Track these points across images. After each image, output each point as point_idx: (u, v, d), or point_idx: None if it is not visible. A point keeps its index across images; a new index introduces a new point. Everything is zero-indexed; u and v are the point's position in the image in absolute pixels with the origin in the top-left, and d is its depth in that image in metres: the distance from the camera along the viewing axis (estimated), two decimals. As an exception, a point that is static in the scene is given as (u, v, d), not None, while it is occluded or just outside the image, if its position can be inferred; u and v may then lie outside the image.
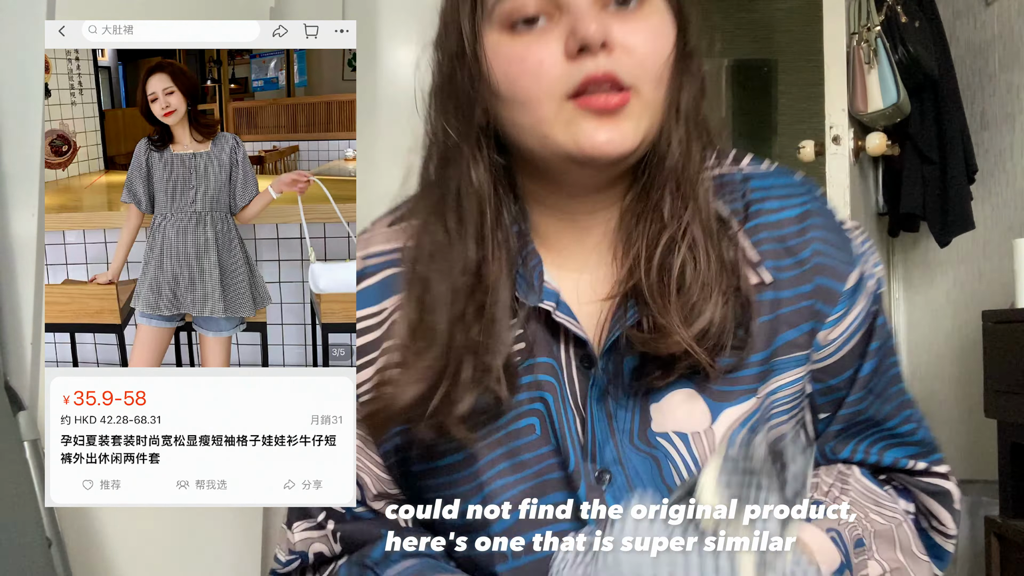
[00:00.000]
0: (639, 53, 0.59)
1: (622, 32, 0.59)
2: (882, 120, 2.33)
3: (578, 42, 0.58)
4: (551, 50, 0.59)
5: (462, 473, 0.66)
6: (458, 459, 0.66)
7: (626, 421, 0.64)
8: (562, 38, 0.59)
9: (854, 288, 0.67)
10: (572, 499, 0.64)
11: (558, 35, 0.59)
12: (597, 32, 0.57)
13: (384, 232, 0.73)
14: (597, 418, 0.65)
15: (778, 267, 0.65)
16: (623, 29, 0.59)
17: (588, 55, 0.58)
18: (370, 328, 0.69)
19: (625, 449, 0.64)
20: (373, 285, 0.70)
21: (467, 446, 0.65)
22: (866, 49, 2.28)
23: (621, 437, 0.64)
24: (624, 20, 0.60)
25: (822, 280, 0.65)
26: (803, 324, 0.65)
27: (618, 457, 0.64)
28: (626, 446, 0.64)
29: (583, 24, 0.58)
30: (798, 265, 0.65)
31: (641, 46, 0.60)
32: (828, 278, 0.65)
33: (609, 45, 0.59)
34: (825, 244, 0.66)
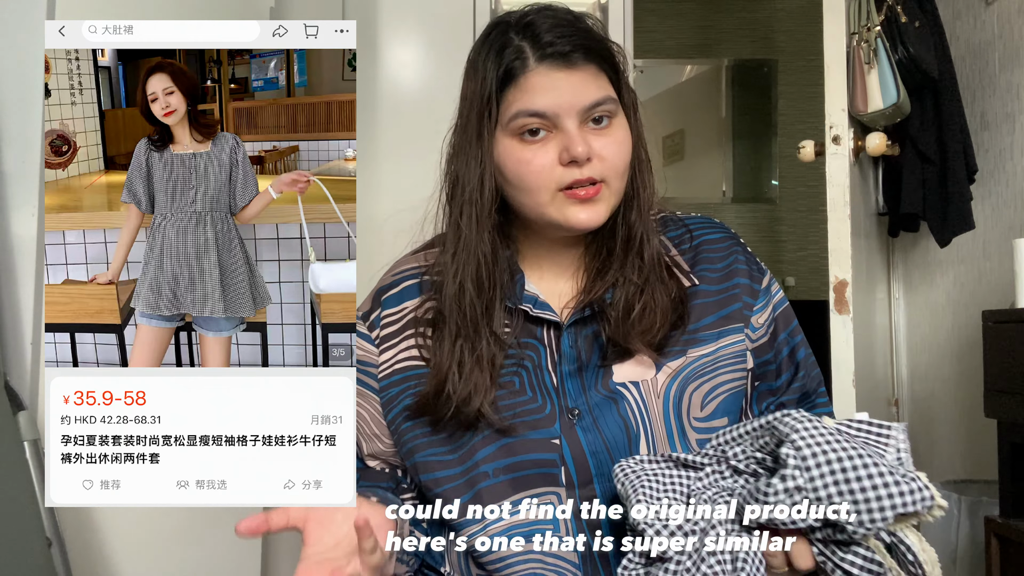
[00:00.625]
0: (609, 160, 0.86)
1: (598, 145, 0.86)
2: (882, 120, 2.33)
3: (570, 157, 0.84)
4: (550, 158, 0.85)
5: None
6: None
7: (592, 378, 0.89)
8: (557, 149, 0.85)
9: (767, 288, 0.95)
10: (548, 434, 0.87)
11: (554, 146, 0.85)
12: (583, 152, 0.84)
13: (410, 256, 1.00)
14: (569, 377, 0.89)
15: (707, 272, 0.93)
16: (598, 143, 0.86)
17: (575, 166, 0.85)
18: (394, 322, 0.95)
19: (591, 394, 0.88)
20: (402, 290, 0.96)
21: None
22: (866, 49, 2.28)
23: (588, 386, 0.89)
24: (598, 135, 0.86)
25: (741, 280, 0.93)
26: (721, 311, 0.92)
27: (585, 400, 0.88)
28: (592, 392, 0.88)
29: (574, 145, 0.84)
30: (721, 271, 0.93)
31: (610, 156, 0.86)
32: (746, 279, 0.94)
33: (590, 157, 0.85)
34: (741, 259, 0.95)
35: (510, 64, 0.86)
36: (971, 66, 2.61)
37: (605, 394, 0.88)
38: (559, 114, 0.85)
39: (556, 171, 0.85)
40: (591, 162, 0.85)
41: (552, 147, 0.85)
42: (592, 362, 0.89)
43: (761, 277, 0.95)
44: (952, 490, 2.25)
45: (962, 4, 2.66)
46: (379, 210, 2.05)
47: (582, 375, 0.89)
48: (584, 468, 0.86)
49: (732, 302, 0.93)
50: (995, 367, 1.88)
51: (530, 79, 0.85)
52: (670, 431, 0.87)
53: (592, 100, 0.85)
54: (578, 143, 0.84)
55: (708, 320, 0.91)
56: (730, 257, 0.94)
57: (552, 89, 0.85)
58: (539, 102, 0.84)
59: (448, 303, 0.89)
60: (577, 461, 0.86)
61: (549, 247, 0.94)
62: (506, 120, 0.86)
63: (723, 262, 0.94)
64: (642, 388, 0.88)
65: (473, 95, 0.88)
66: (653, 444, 0.87)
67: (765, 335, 0.93)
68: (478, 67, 0.88)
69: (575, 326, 0.91)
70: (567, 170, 0.85)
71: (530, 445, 0.86)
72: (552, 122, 0.85)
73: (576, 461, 0.86)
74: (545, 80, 0.85)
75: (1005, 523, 1.82)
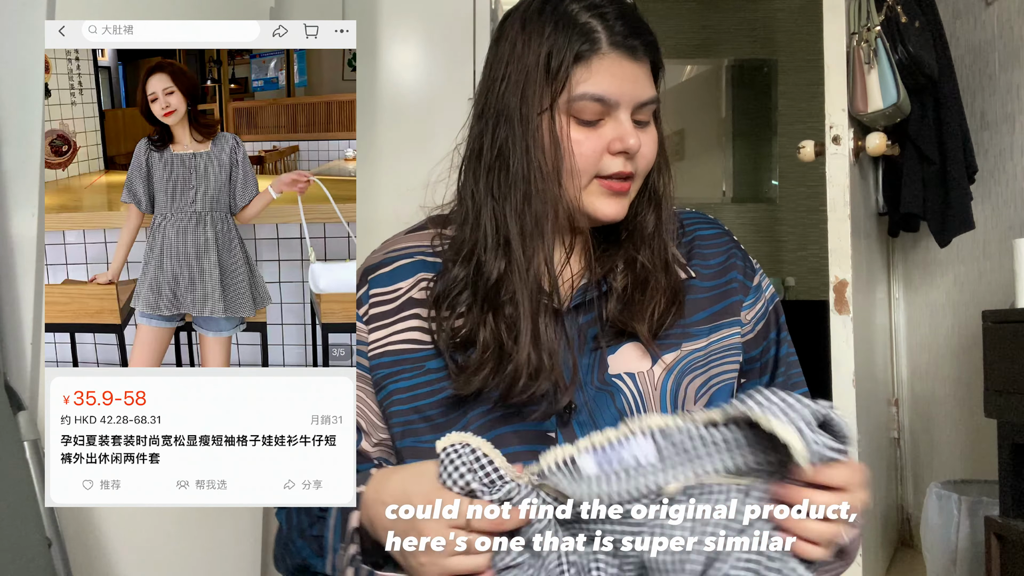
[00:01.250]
0: (646, 157, 0.88)
1: (641, 141, 0.86)
2: (882, 120, 2.33)
3: (623, 147, 0.85)
4: (601, 144, 0.85)
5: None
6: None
7: (587, 371, 0.87)
8: (608, 137, 0.85)
9: (758, 286, 0.95)
10: (544, 427, 0.85)
11: (605, 133, 0.85)
12: (636, 145, 0.85)
13: (402, 236, 0.96)
14: (566, 369, 0.86)
15: (700, 267, 0.93)
16: (641, 139, 0.86)
17: (625, 156, 0.86)
18: (387, 301, 0.91)
19: (587, 388, 0.87)
20: (395, 269, 0.92)
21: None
22: (866, 49, 2.28)
23: (585, 381, 0.87)
24: (641, 132, 0.87)
25: (737, 275, 0.93)
26: (715, 306, 0.92)
27: (583, 395, 0.86)
28: (588, 386, 0.87)
29: (628, 137, 0.84)
30: (716, 267, 0.93)
31: (648, 153, 0.88)
32: (739, 274, 0.94)
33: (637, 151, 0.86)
34: (735, 255, 0.94)
35: (583, 42, 0.84)
36: (971, 66, 2.61)
37: (600, 386, 0.87)
38: (620, 103, 0.85)
39: (604, 159, 0.85)
40: (634, 157, 0.86)
41: (603, 133, 0.85)
42: (587, 351, 0.88)
43: (753, 275, 0.96)
44: (952, 490, 2.25)
45: (962, 4, 2.66)
46: (379, 210, 2.05)
47: (578, 368, 0.88)
48: None
49: (726, 297, 0.93)
50: (995, 367, 1.88)
51: (602, 62, 0.84)
52: None
53: (649, 96, 0.86)
54: (633, 135, 0.84)
55: (701, 315, 0.91)
56: (726, 253, 0.94)
57: (620, 77, 0.84)
58: (607, 88, 0.84)
59: (518, 280, 0.84)
60: None
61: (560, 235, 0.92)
62: (569, 98, 0.84)
63: (717, 258, 0.94)
64: (639, 380, 0.87)
65: (532, 61, 0.85)
66: None
67: (753, 332, 0.93)
68: (538, 32, 0.85)
69: (574, 312, 0.90)
70: (614, 159, 0.85)
71: (525, 437, 0.85)
72: (610, 109, 0.85)
73: None
74: (616, 67, 0.85)
75: (1005, 523, 1.82)
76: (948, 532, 2.20)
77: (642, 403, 0.87)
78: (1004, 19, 2.47)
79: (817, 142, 2.19)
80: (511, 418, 0.85)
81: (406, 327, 0.89)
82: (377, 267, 0.93)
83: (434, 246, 0.92)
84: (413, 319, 0.89)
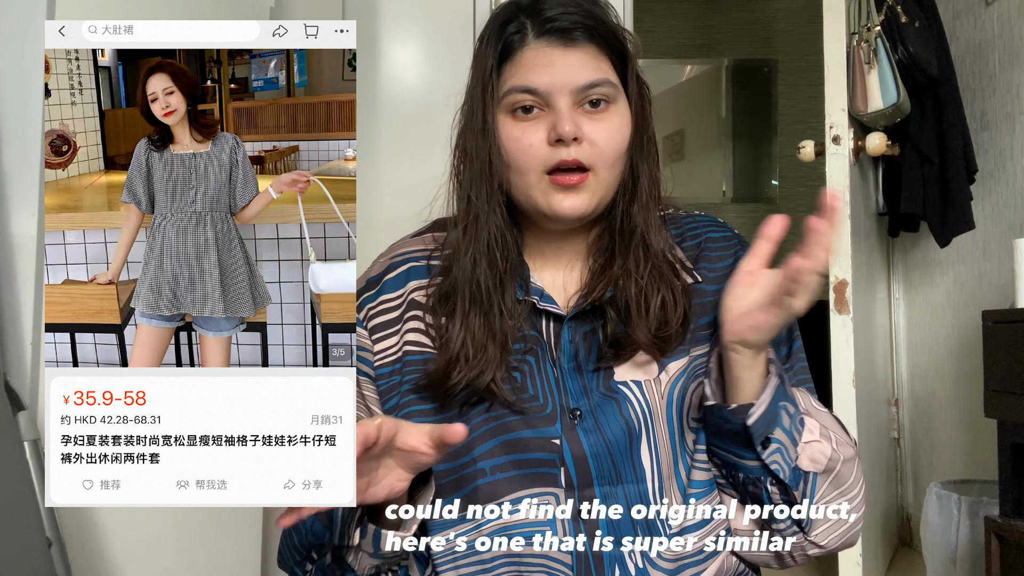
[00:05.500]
0: (600, 145, 0.84)
1: (589, 129, 0.83)
2: (882, 120, 2.33)
3: (557, 135, 0.82)
4: (539, 136, 0.83)
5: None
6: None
7: (593, 377, 0.87)
8: (547, 127, 0.83)
9: None
10: (548, 433, 0.85)
11: (544, 125, 0.83)
12: (570, 131, 0.82)
13: (408, 240, 0.96)
14: (570, 376, 0.87)
15: (707, 270, 0.91)
16: (591, 127, 0.83)
17: (562, 145, 0.83)
18: (393, 308, 0.91)
19: (593, 394, 0.86)
20: (399, 274, 0.93)
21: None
22: (866, 49, 2.28)
23: (590, 387, 0.87)
24: (592, 119, 0.84)
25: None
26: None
27: (588, 401, 0.86)
28: (593, 392, 0.86)
29: (561, 124, 0.82)
30: (723, 270, 0.91)
31: (601, 141, 0.84)
32: None
33: (579, 139, 0.83)
34: (743, 257, 0.88)
35: (509, 39, 0.85)
36: (971, 66, 2.61)
37: (606, 393, 0.86)
38: (551, 92, 0.83)
39: (543, 151, 0.83)
40: (580, 144, 0.83)
41: (542, 126, 0.83)
42: (591, 360, 0.87)
43: None
44: (952, 490, 2.25)
45: (962, 4, 2.66)
46: (379, 209, 2.05)
47: (583, 374, 0.87)
48: (585, 470, 0.84)
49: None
50: (995, 367, 1.88)
51: (526, 54, 0.84)
52: (672, 432, 0.86)
53: (588, 80, 0.83)
54: (566, 121, 0.82)
55: (707, 319, 0.89)
56: (733, 256, 0.92)
57: (547, 66, 0.83)
58: (532, 78, 0.83)
59: (460, 275, 0.86)
60: (578, 463, 0.84)
61: (550, 239, 0.91)
62: (501, 96, 0.84)
63: (724, 261, 0.92)
64: (645, 388, 0.86)
65: (477, 70, 0.87)
66: (654, 445, 0.85)
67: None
68: (483, 42, 0.87)
69: (575, 320, 0.89)
70: (554, 150, 0.83)
71: (529, 443, 0.85)
72: (545, 100, 0.83)
73: (577, 463, 0.84)
74: (541, 56, 0.84)
75: (1005, 523, 1.82)
76: (948, 532, 2.20)
77: (648, 411, 0.86)
78: (1004, 19, 2.47)
79: (817, 142, 2.19)
80: (515, 425, 0.85)
81: (411, 327, 0.90)
82: (383, 274, 0.93)
83: (432, 250, 0.93)
84: (417, 320, 0.90)
